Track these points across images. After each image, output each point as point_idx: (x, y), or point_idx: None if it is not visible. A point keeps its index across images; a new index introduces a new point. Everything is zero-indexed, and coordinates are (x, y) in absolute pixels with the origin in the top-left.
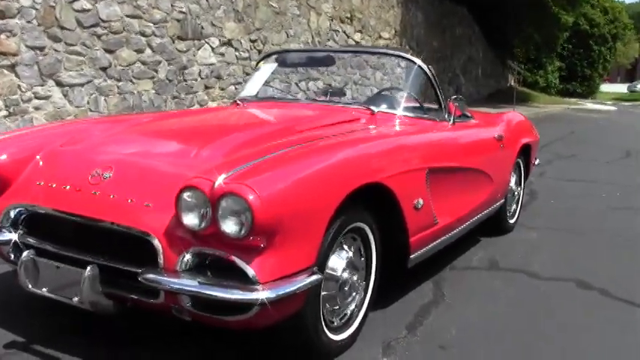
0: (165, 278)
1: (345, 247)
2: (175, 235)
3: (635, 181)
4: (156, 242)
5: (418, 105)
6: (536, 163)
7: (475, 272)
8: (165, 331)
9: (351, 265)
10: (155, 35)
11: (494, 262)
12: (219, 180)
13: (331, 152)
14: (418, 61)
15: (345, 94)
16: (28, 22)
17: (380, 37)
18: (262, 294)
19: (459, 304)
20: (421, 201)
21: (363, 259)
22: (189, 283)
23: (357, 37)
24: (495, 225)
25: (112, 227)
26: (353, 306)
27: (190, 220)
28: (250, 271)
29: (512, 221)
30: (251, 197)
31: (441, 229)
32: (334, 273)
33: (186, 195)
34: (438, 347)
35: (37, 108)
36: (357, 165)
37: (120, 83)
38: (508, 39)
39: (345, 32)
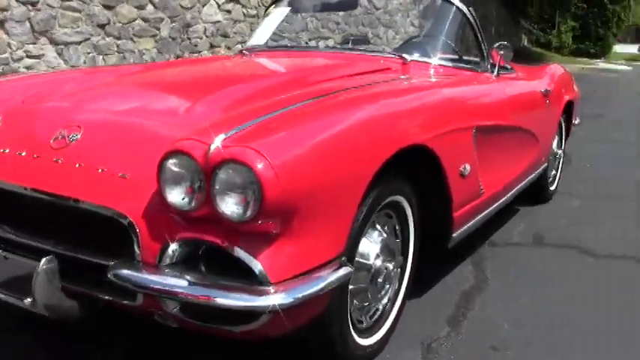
0: (141, 275)
1: (378, 226)
2: (158, 217)
3: None
4: (132, 226)
5: (457, 53)
6: (576, 122)
7: (519, 249)
8: (140, 329)
9: (386, 250)
10: None
11: (539, 237)
12: (217, 142)
13: (361, 107)
14: (456, 2)
15: (369, 43)
16: None
17: None
18: (274, 298)
19: (506, 290)
20: (468, 167)
21: (398, 240)
22: (175, 283)
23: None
24: (536, 192)
25: (75, 206)
26: (386, 300)
27: (177, 197)
28: (258, 267)
29: (552, 188)
30: (260, 166)
31: (486, 200)
32: (366, 261)
33: (171, 163)
34: (489, 348)
35: (28, 68)
36: (396, 123)
37: (119, 41)
38: None
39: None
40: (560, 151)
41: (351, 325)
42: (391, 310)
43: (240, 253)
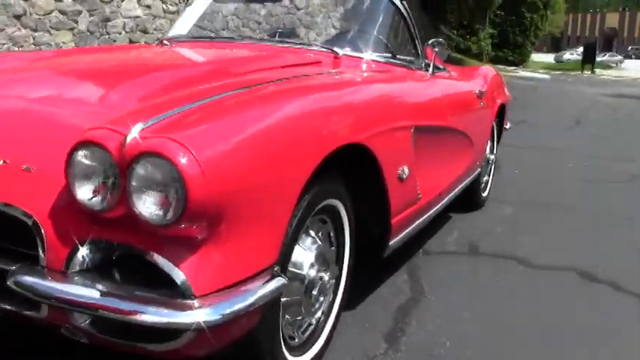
0: (45, 283)
1: (312, 233)
2: (67, 217)
3: (594, 151)
4: (36, 227)
5: (390, 49)
6: (507, 127)
7: (454, 258)
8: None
9: (320, 258)
10: None
11: (473, 245)
12: (134, 132)
13: (294, 100)
14: None
15: (298, 36)
16: None
17: None
18: (198, 314)
19: (444, 302)
20: (406, 169)
21: (333, 248)
22: (84, 293)
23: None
24: (468, 199)
25: None
26: (319, 313)
27: (88, 194)
28: (180, 278)
29: (484, 194)
30: (183, 160)
31: (424, 206)
32: (299, 271)
33: (81, 155)
34: None
35: None
36: (332, 119)
37: (36, 34)
38: (441, 3)
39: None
40: (492, 157)
41: (282, 342)
42: (325, 324)
43: (159, 260)
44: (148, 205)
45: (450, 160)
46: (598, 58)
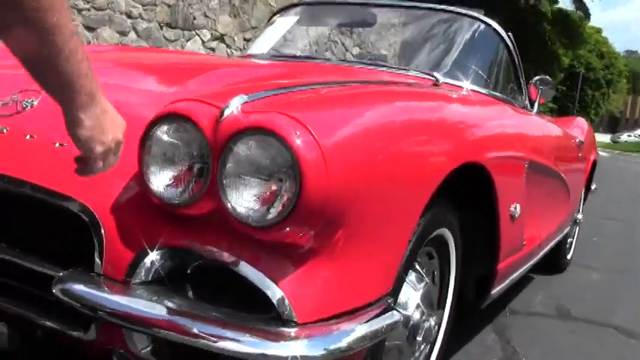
0: (99, 294)
1: (418, 267)
2: (134, 212)
3: None
4: (95, 225)
5: (491, 82)
6: (593, 188)
7: (544, 320)
8: None
9: (426, 300)
10: (142, 18)
11: (563, 309)
12: (234, 105)
13: (420, 103)
14: (496, 26)
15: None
16: None
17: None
18: (297, 347)
19: None
20: (518, 207)
21: (436, 289)
22: (149, 310)
23: (356, 51)
24: (552, 259)
25: (18, 190)
26: None
27: (165, 182)
28: (280, 298)
29: (568, 257)
30: (301, 140)
31: (525, 256)
32: (404, 311)
33: (161, 132)
34: None
35: None
36: (458, 131)
37: None
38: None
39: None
40: (580, 216)
41: None
42: None
43: (252, 273)
44: (245, 198)
45: (552, 209)
46: None
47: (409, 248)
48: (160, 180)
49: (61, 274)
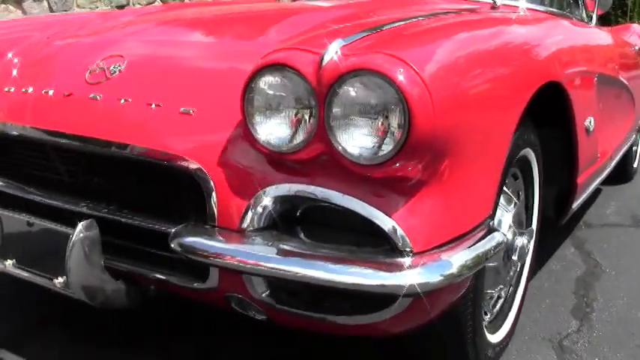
0: (218, 244)
1: (506, 189)
2: (241, 163)
3: None
4: (203, 178)
5: None
6: None
7: (620, 230)
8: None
9: (517, 220)
10: None
11: (637, 217)
12: (333, 50)
13: (501, 29)
14: None
15: None
16: None
17: None
18: (415, 276)
19: (626, 276)
20: (592, 121)
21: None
22: (268, 254)
23: None
24: (619, 169)
25: (122, 153)
26: (509, 285)
27: (271, 131)
28: (395, 230)
29: (635, 166)
30: (406, 78)
31: (599, 168)
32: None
33: (264, 83)
34: (638, 348)
35: None
36: (539, 52)
37: None
38: None
39: None
40: None
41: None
42: (514, 297)
43: (366, 209)
44: (355, 138)
45: (620, 119)
46: None
47: (503, 170)
48: (266, 129)
49: (175, 229)
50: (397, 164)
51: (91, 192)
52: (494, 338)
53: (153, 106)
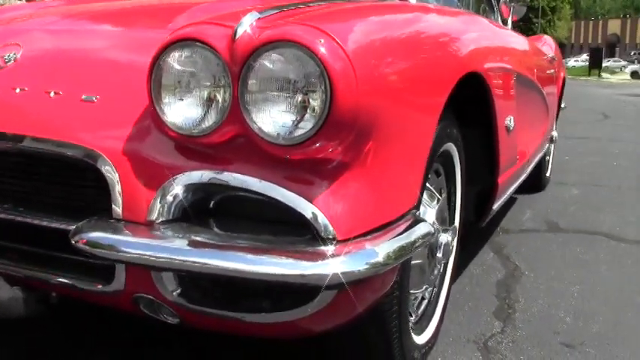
0: (125, 239)
1: (429, 185)
2: (148, 151)
3: (634, 138)
4: (106, 167)
5: (463, 2)
6: (563, 106)
7: (536, 235)
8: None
9: (440, 216)
10: None
11: (552, 223)
12: (247, 22)
13: (421, 14)
14: None
15: None
16: None
17: None
18: (338, 264)
19: (545, 278)
20: (512, 120)
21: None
22: (180, 246)
23: None
24: (532, 178)
25: (16, 147)
26: (433, 286)
27: (181, 113)
28: (316, 216)
29: (547, 175)
30: (327, 50)
31: (518, 171)
32: None
33: (173, 59)
34: (561, 345)
35: None
36: (461, 41)
37: None
38: None
39: None
40: (555, 133)
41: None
42: (438, 298)
43: (286, 195)
44: (272, 116)
45: (537, 124)
46: (603, 64)
47: (427, 161)
48: (175, 111)
49: (77, 225)
50: (318, 144)
51: None
52: (419, 340)
53: (52, 94)
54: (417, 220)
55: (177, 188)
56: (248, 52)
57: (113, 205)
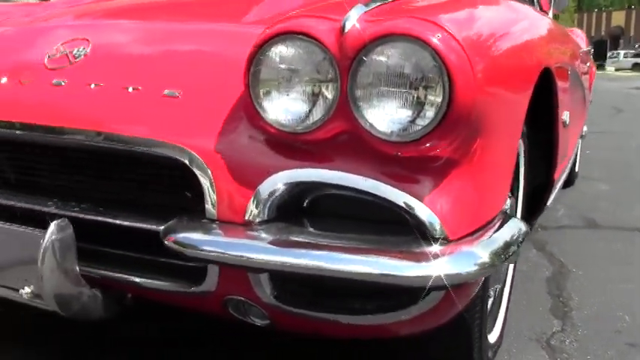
0: (221, 239)
1: None
2: (243, 149)
3: None
4: (199, 167)
5: None
6: (591, 100)
7: (575, 232)
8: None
9: (512, 211)
10: None
11: (589, 220)
12: (354, 16)
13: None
14: None
15: None
16: None
17: None
18: (443, 265)
19: (594, 275)
20: (568, 115)
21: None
22: (281, 248)
23: None
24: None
25: (97, 144)
26: (500, 283)
27: (282, 109)
28: (427, 215)
29: (576, 170)
30: (444, 44)
31: (565, 166)
32: None
33: (274, 54)
34: (627, 346)
35: None
36: (537, 35)
37: None
38: None
39: None
40: (585, 128)
41: None
42: (502, 296)
43: (395, 194)
44: (387, 112)
45: (579, 119)
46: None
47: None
48: (276, 107)
49: (167, 224)
50: (433, 141)
51: (62, 189)
52: (491, 338)
53: (130, 89)
54: (509, 217)
55: (274, 188)
56: (359, 45)
57: (206, 205)
